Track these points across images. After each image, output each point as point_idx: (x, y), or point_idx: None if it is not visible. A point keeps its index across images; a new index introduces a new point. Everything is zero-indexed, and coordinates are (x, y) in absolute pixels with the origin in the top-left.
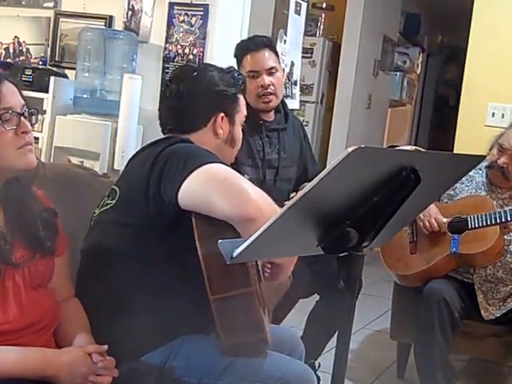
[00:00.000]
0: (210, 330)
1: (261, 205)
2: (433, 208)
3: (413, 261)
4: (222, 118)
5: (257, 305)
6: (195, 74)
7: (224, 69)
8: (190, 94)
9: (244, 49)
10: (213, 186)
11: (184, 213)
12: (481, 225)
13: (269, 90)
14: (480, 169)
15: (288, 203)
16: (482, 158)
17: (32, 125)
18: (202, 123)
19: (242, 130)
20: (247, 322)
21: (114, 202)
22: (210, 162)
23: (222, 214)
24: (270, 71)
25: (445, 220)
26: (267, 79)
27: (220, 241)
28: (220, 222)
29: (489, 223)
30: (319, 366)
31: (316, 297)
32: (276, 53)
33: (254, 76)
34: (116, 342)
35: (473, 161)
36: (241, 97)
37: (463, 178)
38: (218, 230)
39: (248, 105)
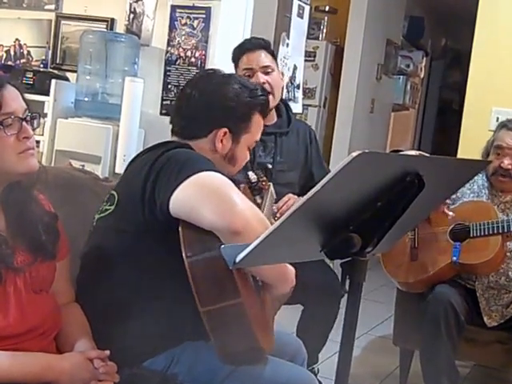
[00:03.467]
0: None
1: (249, 218)
2: None
3: (413, 268)
4: (225, 134)
5: (248, 315)
6: (214, 83)
7: (248, 86)
8: (198, 102)
9: (241, 50)
10: (202, 195)
11: (176, 220)
12: (483, 234)
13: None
14: (481, 172)
15: (291, 208)
16: (487, 163)
17: (33, 129)
18: (203, 133)
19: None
20: (239, 332)
21: (112, 207)
22: (204, 170)
23: (208, 225)
24: (266, 70)
25: (450, 213)
26: (262, 77)
27: (222, 246)
28: (207, 232)
29: (491, 232)
30: (318, 372)
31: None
32: (273, 55)
33: (249, 75)
34: (117, 348)
35: (477, 166)
36: (255, 118)
37: None
38: (205, 240)
39: None
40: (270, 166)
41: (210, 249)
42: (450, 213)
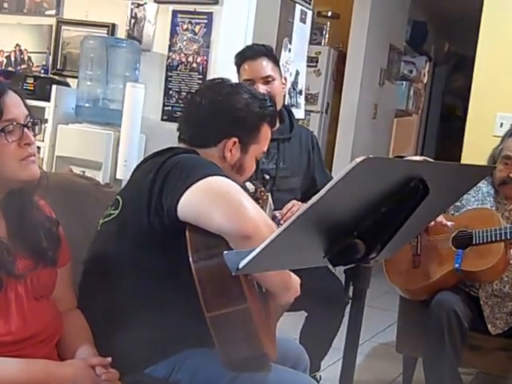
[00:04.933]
0: (213, 343)
1: (259, 223)
2: None
3: (415, 275)
4: (234, 143)
5: (254, 320)
6: (224, 93)
7: (258, 96)
8: (208, 112)
9: (242, 57)
10: (212, 200)
11: (183, 225)
12: (485, 241)
13: None
14: (486, 179)
15: (295, 214)
16: (491, 168)
17: (35, 135)
18: (213, 142)
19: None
20: (245, 338)
21: (116, 212)
22: (212, 175)
23: (218, 229)
24: (266, 80)
25: (449, 223)
26: (262, 88)
27: (225, 252)
28: (214, 237)
29: (493, 239)
30: (320, 379)
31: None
32: (275, 61)
33: (250, 85)
34: (119, 354)
35: (482, 171)
36: (264, 129)
37: None
38: (212, 245)
39: None
40: (267, 177)
41: (217, 254)
42: (449, 223)
